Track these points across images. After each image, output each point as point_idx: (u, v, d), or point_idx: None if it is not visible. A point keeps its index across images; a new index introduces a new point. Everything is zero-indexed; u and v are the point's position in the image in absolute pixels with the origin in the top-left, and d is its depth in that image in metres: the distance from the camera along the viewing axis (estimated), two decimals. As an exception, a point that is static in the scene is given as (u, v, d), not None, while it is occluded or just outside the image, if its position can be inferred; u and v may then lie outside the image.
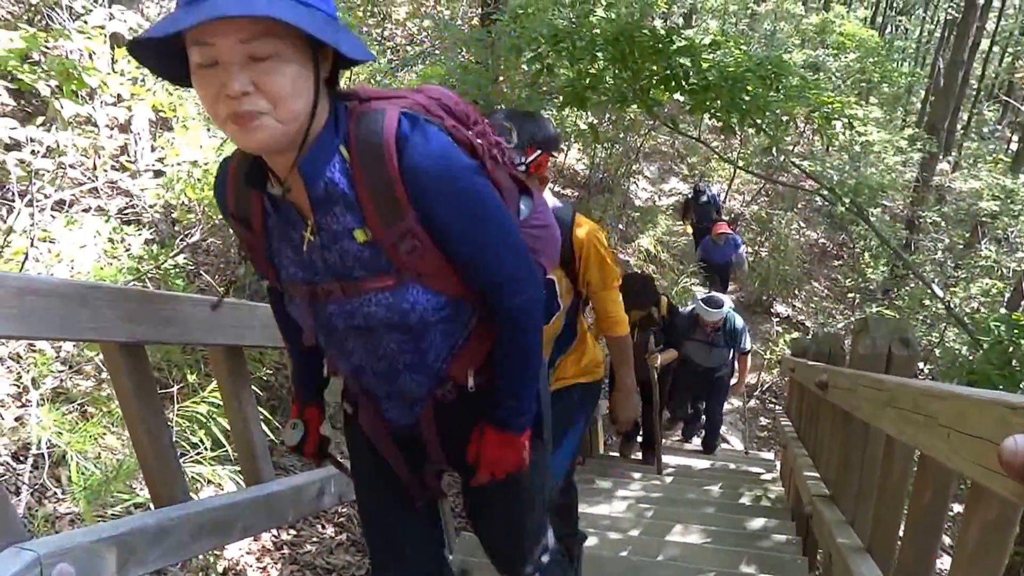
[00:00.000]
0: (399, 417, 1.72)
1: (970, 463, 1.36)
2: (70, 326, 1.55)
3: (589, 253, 2.60)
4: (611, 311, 2.78)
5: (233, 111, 1.25)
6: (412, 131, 1.39)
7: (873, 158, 14.66)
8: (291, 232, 1.49)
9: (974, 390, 1.47)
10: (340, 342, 1.59)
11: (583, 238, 2.59)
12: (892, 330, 2.97)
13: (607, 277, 2.68)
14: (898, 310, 12.10)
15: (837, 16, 17.48)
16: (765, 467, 7.08)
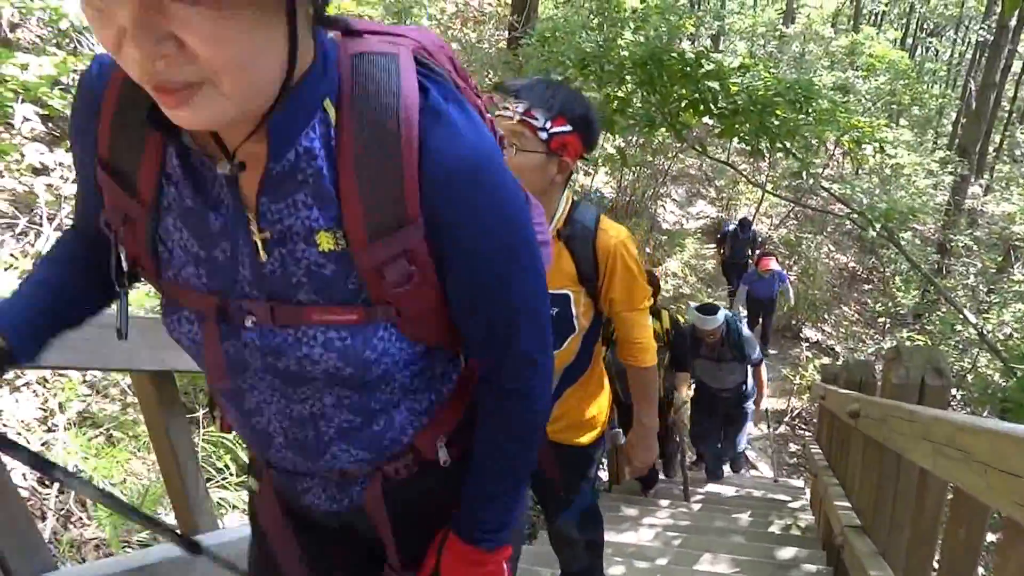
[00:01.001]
0: (324, 502, 1.19)
1: (1008, 501, 1.33)
2: (102, 356, 1.56)
3: (616, 266, 2.20)
4: (638, 336, 2.36)
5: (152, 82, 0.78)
6: (445, 107, 0.93)
7: (903, 181, 14.55)
8: (206, 215, 0.96)
9: (1012, 426, 1.43)
10: (243, 390, 1.06)
11: (610, 247, 2.18)
12: (925, 360, 2.92)
13: (636, 295, 2.28)
14: (929, 335, 11.94)
15: (867, 38, 17.41)
16: (794, 495, 6.97)
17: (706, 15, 17.49)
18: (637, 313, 2.31)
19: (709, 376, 6.43)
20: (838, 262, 16.35)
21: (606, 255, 2.17)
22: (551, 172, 2.04)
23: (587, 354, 2.36)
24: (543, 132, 1.97)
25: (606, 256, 2.17)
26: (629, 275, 2.22)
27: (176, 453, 1.88)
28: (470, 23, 10.36)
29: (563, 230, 2.15)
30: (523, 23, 8.49)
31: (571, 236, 2.15)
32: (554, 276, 1.99)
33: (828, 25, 19.72)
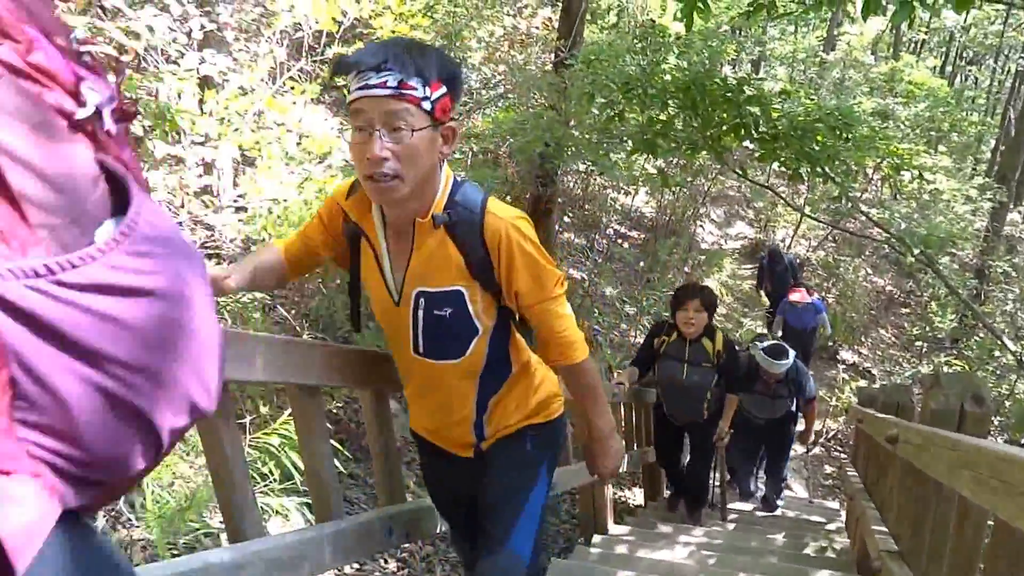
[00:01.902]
0: None
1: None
2: None
3: (511, 252, 1.88)
4: (559, 330, 1.99)
5: None
6: None
7: (942, 206, 14.48)
8: None
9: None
10: None
11: (500, 231, 1.87)
12: (965, 386, 2.98)
13: (544, 283, 1.93)
14: (967, 360, 11.87)
15: (906, 65, 17.37)
16: (829, 517, 6.99)
17: (747, 41, 17.54)
18: (551, 303, 1.96)
19: (758, 408, 6.33)
20: (875, 285, 16.27)
21: (496, 241, 1.88)
22: (439, 146, 1.80)
23: (501, 356, 2.06)
24: (426, 102, 1.70)
25: (496, 242, 1.88)
26: (529, 261, 1.91)
27: (228, 459, 1.90)
28: (517, 45, 10.53)
29: (440, 215, 1.87)
30: (569, 47, 8.63)
31: (453, 222, 1.88)
32: (441, 270, 1.91)
33: (868, 52, 19.65)
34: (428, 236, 1.90)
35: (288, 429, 4.08)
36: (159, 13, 4.62)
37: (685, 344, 5.31)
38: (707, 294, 5.36)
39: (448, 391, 2.08)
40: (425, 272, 1.93)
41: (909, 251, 8.16)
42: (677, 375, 5.35)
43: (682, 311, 5.26)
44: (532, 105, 9.01)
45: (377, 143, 1.70)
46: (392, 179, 1.73)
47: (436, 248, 1.91)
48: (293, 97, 5.63)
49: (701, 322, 5.23)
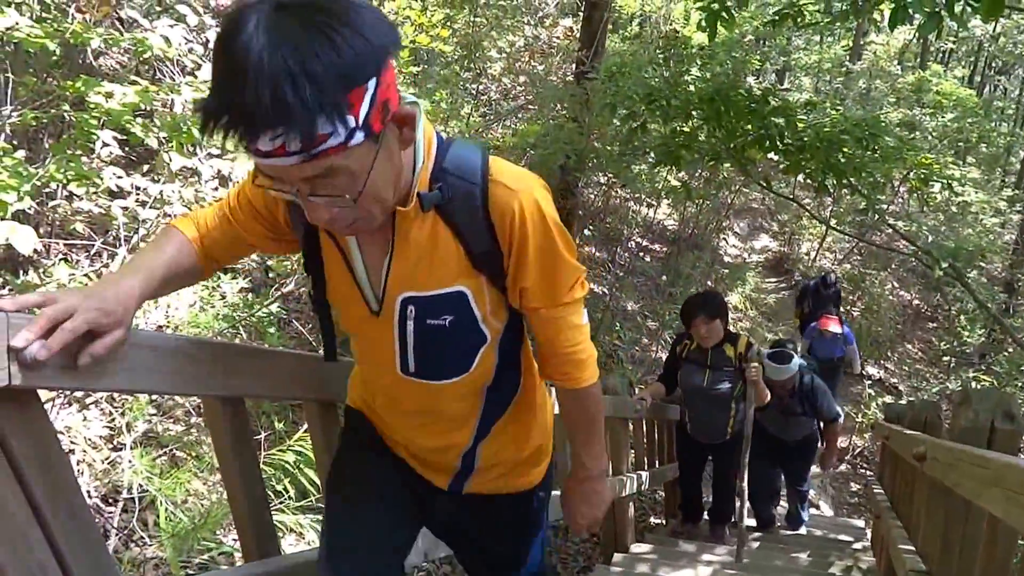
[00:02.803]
0: None
1: (1083, 551, 1.35)
2: (177, 381, 1.59)
3: (524, 235, 1.42)
4: (568, 342, 1.57)
5: None
6: None
7: (970, 219, 14.30)
8: None
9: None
10: None
11: (510, 206, 1.40)
12: (996, 403, 2.91)
13: (561, 279, 1.50)
14: (996, 376, 11.68)
15: (934, 75, 17.21)
16: (855, 535, 6.88)
17: (772, 51, 17.47)
18: (566, 309, 1.54)
19: (776, 427, 5.91)
20: (902, 299, 16.08)
21: (506, 221, 1.41)
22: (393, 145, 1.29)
23: (512, 365, 1.67)
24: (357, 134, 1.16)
25: (506, 222, 1.41)
26: (546, 249, 1.45)
27: (243, 477, 1.88)
28: (538, 56, 10.53)
29: (430, 194, 1.38)
30: (591, 57, 8.60)
31: (447, 199, 1.40)
32: (434, 267, 1.44)
33: (895, 62, 19.51)
34: (414, 224, 1.42)
35: (303, 446, 4.05)
36: (175, 24, 4.63)
37: (707, 351, 5.23)
38: (709, 304, 5.23)
39: (440, 415, 1.65)
40: (414, 271, 1.46)
41: (937, 264, 8.03)
42: (699, 381, 5.26)
43: (693, 329, 5.19)
44: (553, 116, 8.98)
45: (315, 210, 1.26)
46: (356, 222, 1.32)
47: (426, 238, 1.43)
48: (308, 108, 5.62)
49: (716, 331, 5.13)
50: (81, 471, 3.55)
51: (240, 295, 4.99)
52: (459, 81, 8.91)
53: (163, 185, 4.41)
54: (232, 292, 4.92)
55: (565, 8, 11.06)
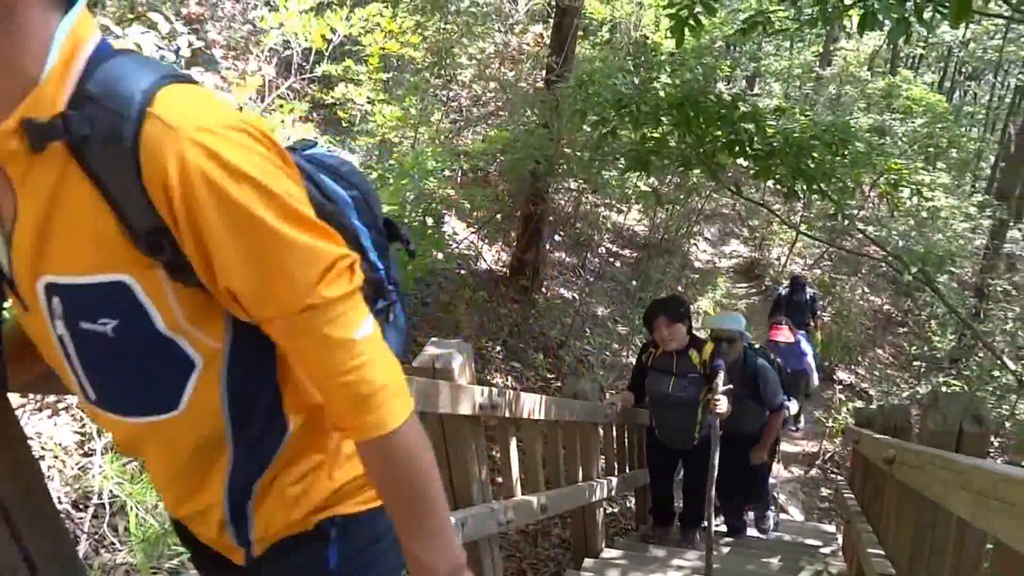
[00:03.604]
0: None
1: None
2: None
3: (194, 204, 0.94)
4: (336, 368, 1.06)
5: None
6: None
7: (940, 224, 14.43)
8: None
9: (1055, 479, 1.44)
10: None
11: (165, 156, 0.91)
12: (964, 407, 2.91)
13: (287, 271, 1.00)
14: (966, 380, 11.78)
15: (904, 81, 17.36)
16: (826, 540, 6.89)
17: (742, 57, 17.57)
18: (314, 314, 1.02)
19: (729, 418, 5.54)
20: (872, 304, 16.20)
21: (156, 178, 0.92)
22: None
23: (262, 405, 1.16)
24: None
25: (156, 180, 0.92)
26: (246, 223, 0.95)
27: None
28: (508, 62, 10.51)
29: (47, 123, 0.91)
30: (561, 64, 8.59)
31: (83, 137, 0.92)
32: (75, 241, 0.96)
33: (865, 67, 19.69)
34: (33, 166, 0.93)
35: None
36: (147, 31, 4.57)
37: (672, 357, 5.20)
38: (671, 307, 5.21)
39: (175, 457, 1.17)
40: (41, 243, 0.97)
41: (907, 269, 8.07)
42: (665, 388, 5.22)
43: (656, 333, 5.17)
44: (523, 122, 8.96)
45: None
46: None
47: (50, 191, 0.94)
48: (282, 115, 5.59)
49: (679, 334, 5.10)
50: (51, 476, 3.50)
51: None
52: (429, 88, 8.86)
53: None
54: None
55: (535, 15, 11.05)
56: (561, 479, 4.70)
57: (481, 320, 8.53)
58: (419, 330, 7.58)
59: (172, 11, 5.53)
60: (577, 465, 4.94)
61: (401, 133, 7.63)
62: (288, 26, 5.75)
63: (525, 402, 3.81)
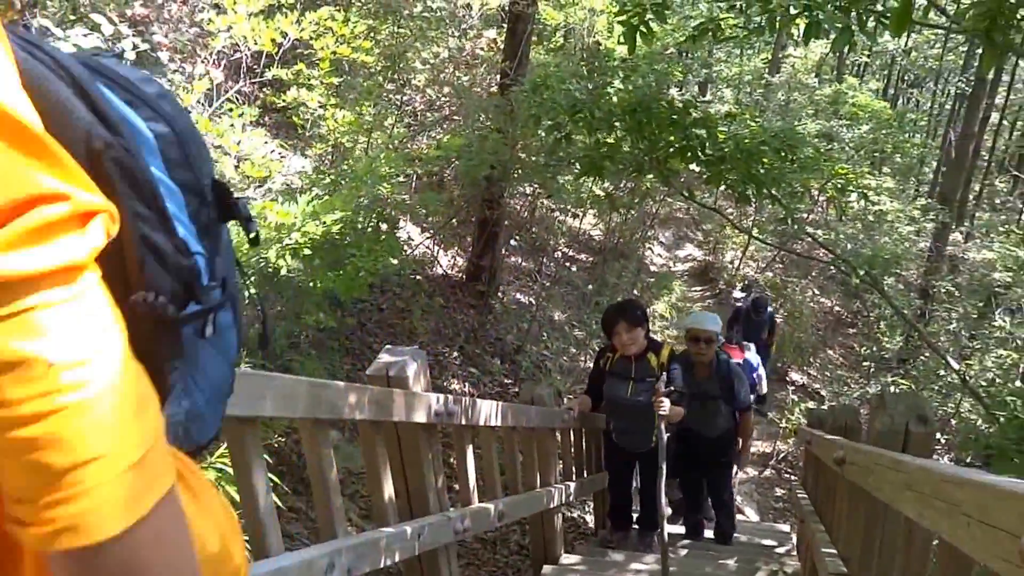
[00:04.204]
0: None
1: (992, 555, 1.36)
2: None
3: None
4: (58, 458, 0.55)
5: None
6: None
7: (886, 227, 14.72)
8: None
9: (995, 479, 1.47)
10: None
11: None
12: (910, 406, 2.97)
13: None
14: (914, 380, 12.01)
15: (850, 87, 17.71)
16: (781, 540, 6.98)
17: (694, 63, 17.78)
18: None
19: (695, 418, 5.62)
20: (823, 306, 16.47)
21: None
22: None
23: None
24: None
25: None
26: None
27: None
28: (462, 67, 10.50)
29: None
30: (515, 69, 8.62)
31: None
32: None
33: (812, 75, 20.05)
34: None
35: (225, 463, 3.93)
36: (89, 33, 4.48)
37: (630, 362, 5.20)
38: (629, 312, 5.24)
39: None
40: None
41: (854, 272, 8.23)
42: (623, 393, 5.21)
43: (615, 336, 5.18)
44: (478, 127, 8.96)
45: None
46: None
47: None
48: (231, 119, 5.52)
49: (638, 339, 5.13)
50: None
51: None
52: (382, 92, 8.82)
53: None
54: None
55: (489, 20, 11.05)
56: (519, 485, 4.71)
57: (437, 326, 8.51)
58: (374, 337, 7.54)
59: (116, 13, 5.41)
60: (535, 471, 4.95)
61: (354, 138, 7.57)
62: (237, 29, 5.67)
63: (481, 409, 3.81)
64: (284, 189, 6.33)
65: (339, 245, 5.52)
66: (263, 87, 7.47)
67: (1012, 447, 4.60)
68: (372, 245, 5.76)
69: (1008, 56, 5.29)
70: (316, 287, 5.36)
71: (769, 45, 19.73)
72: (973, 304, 14.42)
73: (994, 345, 11.91)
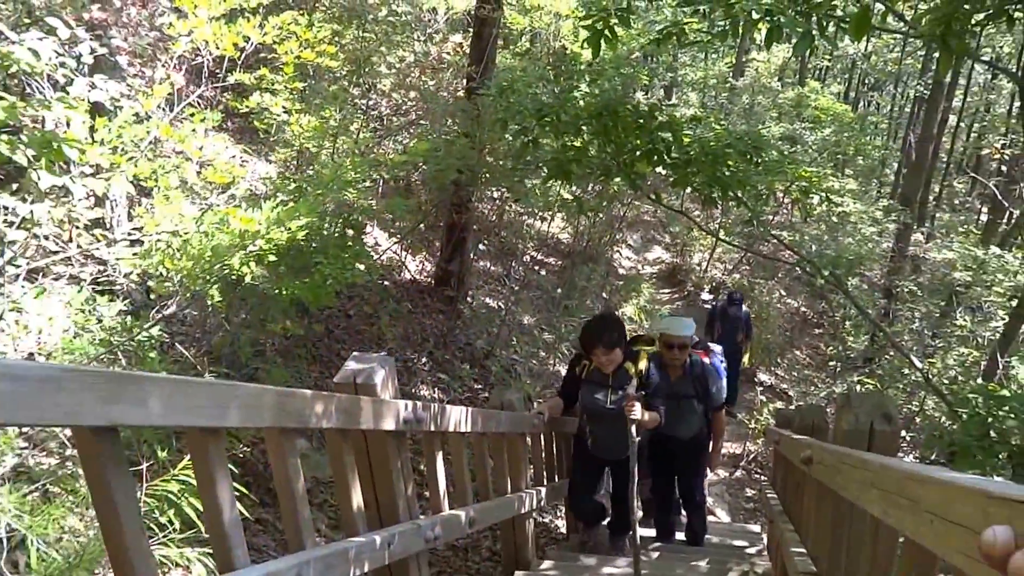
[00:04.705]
0: None
1: (955, 551, 1.37)
2: (43, 411, 1.50)
3: None
4: None
5: None
6: None
7: (850, 228, 14.92)
8: None
9: (955, 476, 1.49)
10: None
11: None
12: (874, 406, 3.01)
13: None
14: (879, 379, 12.16)
15: (812, 91, 17.95)
16: (751, 540, 7.02)
17: (659, 67, 17.91)
18: None
19: (667, 420, 5.55)
20: (789, 307, 16.64)
21: None
22: None
23: None
24: None
25: None
26: None
27: (118, 510, 1.79)
28: (428, 71, 10.49)
29: None
30: (481, 73, 8.62)
31: None
32: None
33: (775, 79, 20.30)
34: None
35: (189, 474, 3.88)
36: (45, 36, 4.41)
37: None
38: (607, 334, 5.00)
39: None
40: None
41: (819, 273, 8.32)
42: (602, 402, 5.13)
43: (593, 357, 5.08)
44: (445, 132, 8.95)
45: None
46: None
47: None
48: (193, 124, 5.46)
49: (617, 358, 5.02)
50: (-57, 511, 3.33)
51: (118, 318, 4.76)
52: (348, 97, 8.78)
53: (32, 205, 4.18)
54: (109, 315, 4.68)
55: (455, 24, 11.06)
56: (490, 491, 4.69)
57: (406, 332, 8.48)
58: (342, 344, 7.49)
59: (73, 16, 5.34)
60: (505, 476, 4.93)
61: (320, 143, 7.53)
62: (198, 33, 5.60)
63: (451, 415, 3.79)
64: (248, 195, 6.27)
65: (305, 252, 5.47)
66: (226, 92, 7.40)
67: (974, 444, 4.68)
68: (339, 251, 5.71)
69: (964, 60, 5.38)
70: (282, 294, 5.30)
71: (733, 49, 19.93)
72: (935, 303, 14.66)
73: (956, 343, 12.11)
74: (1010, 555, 1.09)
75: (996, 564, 1.12)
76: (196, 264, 4.63)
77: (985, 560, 1.14)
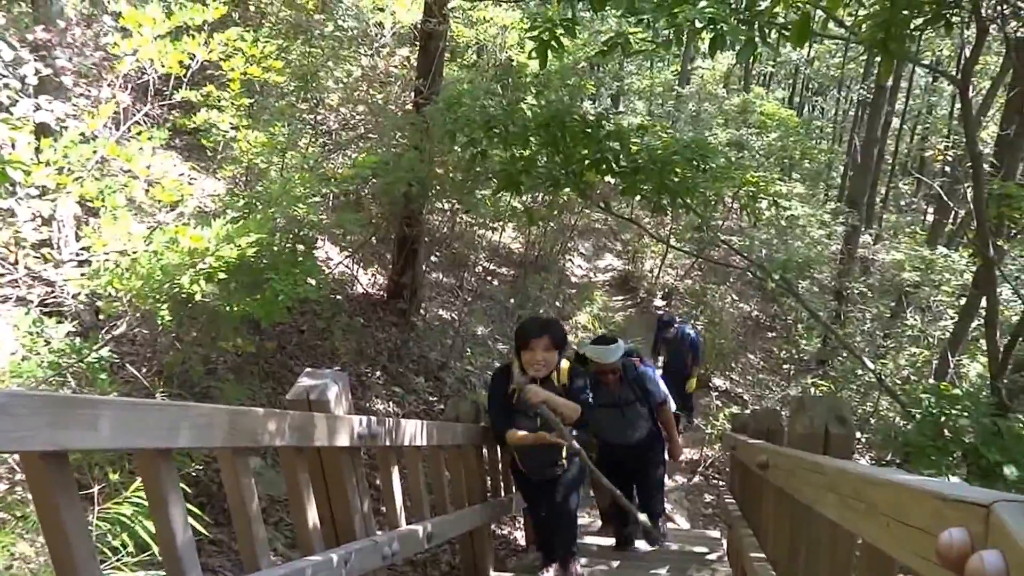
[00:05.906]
0: None
1: (910, 553, 1.37)
2: None
3: None
4: None
5: None
6: None
7: (799, 232, 15.12)
8: None
9: (910, 479, 1.49)
10: None
11: None
12: (828, 408, 3.03)
13: None
14: (832, 381, 12.31)
15: (757, 97, 18.22)
16: (711, 547, 7.03)
17: (606, 77, 18.04)
18: None
19: (612, 430, 5.66)
20: (742, 311, 16.80)
21: None
22: None
23: None
24: None
25: None
26: None
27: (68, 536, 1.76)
28: (376, 85, 10.43)
29: None
30: (429, 86, 8.59)
31: None
32: None
33: (721, 86, 20.58)
34: None
35: (142, 497, 3.80)
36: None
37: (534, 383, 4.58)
38: (556, 330, 4.72)
39: None
40: None
41: (769, 277, 8.40)
42: (532, 423, 4.64)
43: (528, 352, 4.61)
44: (394, 145, 8.90)
45: None
46: None
47: None
48: (140, 143, 5.36)
49: (551, 362, 4.63)
50: None
51: (67, 340, 4.66)
52: (296, 112, 8.69)
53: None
54: (58, 337, 4.58)
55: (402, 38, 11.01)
56: (447, 505, 4.64)
57: (359, 346, 8.39)
58: (295, 360, 7.39)
59: (16, 37, 5.24)
60: (463, 489, 4.89)
61: (268, 159, 7.43)
62: (143, 52, 5.52)
63: (406, 429, 3.75)
64: (197, 213, 6.17)
65: (256, 268, 5.39)
66: (172, 109, 7.28)
67: (929, 444, 4.75)
68: (290, 267, 5.64)
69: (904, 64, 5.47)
70: (233, 311, 5.22)
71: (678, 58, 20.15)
72: (885, 304, 14.92)
73: (907, 343, 12.33)
74: (966, 557, 1.08)
75: (953, 567, 1.12)
76: (145, 283, 4.55)
77: (942, 563, 1.14)
